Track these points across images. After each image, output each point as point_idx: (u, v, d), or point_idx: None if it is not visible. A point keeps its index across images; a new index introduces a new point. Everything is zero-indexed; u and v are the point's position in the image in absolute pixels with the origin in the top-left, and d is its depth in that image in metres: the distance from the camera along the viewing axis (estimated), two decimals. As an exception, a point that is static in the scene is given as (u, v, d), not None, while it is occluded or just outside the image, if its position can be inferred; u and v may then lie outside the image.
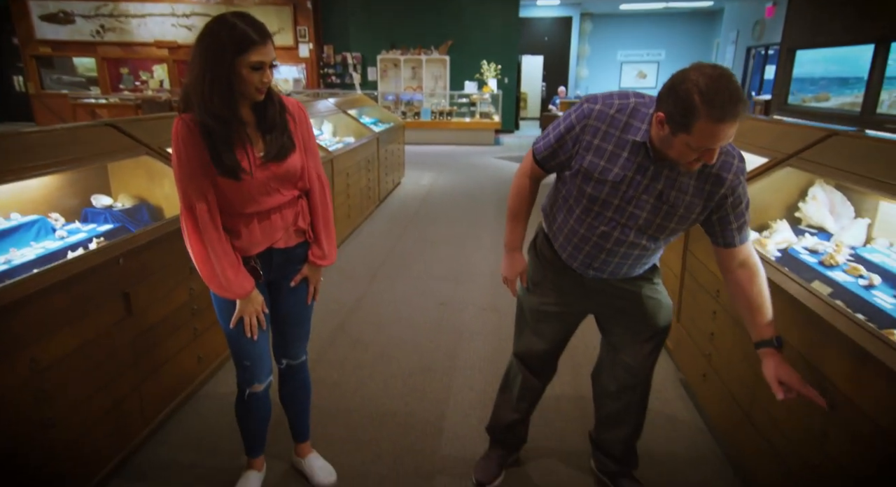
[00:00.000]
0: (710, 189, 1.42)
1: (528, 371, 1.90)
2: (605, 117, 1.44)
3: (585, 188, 1.49)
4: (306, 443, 2.04)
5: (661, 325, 1.71)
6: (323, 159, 4.10)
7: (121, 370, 1.92)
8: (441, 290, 3.79)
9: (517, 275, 1.79)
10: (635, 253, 1.55)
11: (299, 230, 1.70)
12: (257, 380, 1.76)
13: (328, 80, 12.45)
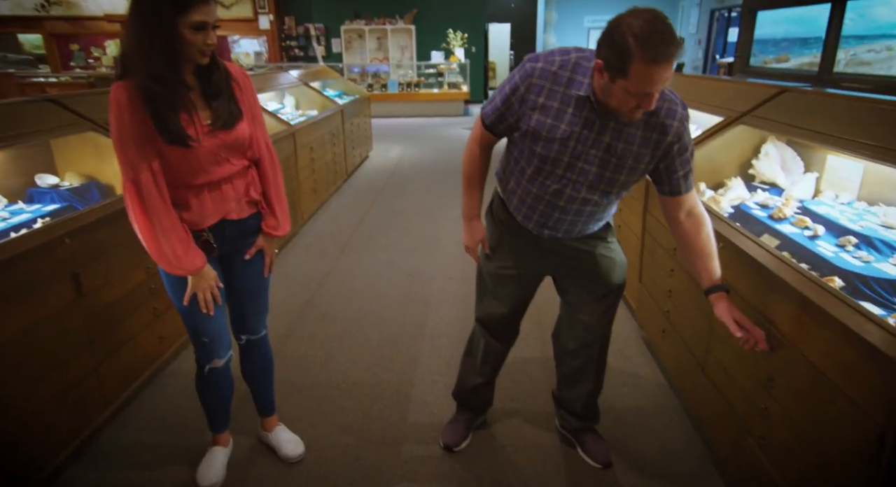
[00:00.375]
0: (657, 138, 1.43)
1: (490, 335, 1.91)
2: (547, 74, 1.43)
3: (535, 148, 1.49)
4: (272, 417, 2.03)
5: (615, 283, 1.74)
6: (284, 133, 4.02)
7: (75, 351, 1.88)
8: (409, 262, 3.78)
9: (477, 243, 1.79)
10: (588, 209, 1.56)
11: (251, 201, 1.66)
12: (217, 356, 1.74)
13: (291, 53, 12.10)
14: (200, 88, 1.51)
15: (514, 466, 1.95)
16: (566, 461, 1.97)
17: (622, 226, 3.00)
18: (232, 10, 11.54)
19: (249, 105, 1.60)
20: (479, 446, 2.05)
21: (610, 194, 1.54)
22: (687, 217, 1.52)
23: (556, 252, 1.70)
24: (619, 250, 1.75)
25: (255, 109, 1.63)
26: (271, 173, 1.68)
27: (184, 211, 1.54)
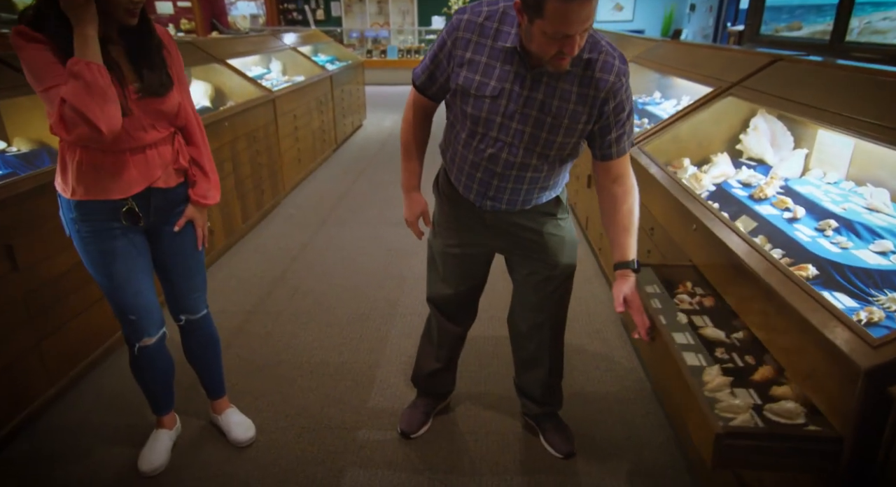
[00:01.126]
0: (594, 94, 1.31)
1: (441, 315, 1.82)
2: (473, 27, 1.32)
3: (465, 108, 1.38)
4: (222, 399, 1.95)
5: (564, 262, 1.62)
6: (264, 99, 3.86)
7: (10, 328, 1.79)
8: (391, 236, 3.67)
9: (416, 216, 1.69)
10: (528, 175, 1.44)
11: (180, 169, 1.56)
12: (146, 334, 1.64)
13: (289, 17, 11.76)
14: (127, 52, 1.40)
15: (471, 454, 1.87)
16: (526, 449, 1.89)
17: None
18: (229, -30, 11.17)
19: (177, 70, 1.51)
20: (437, 432, 1.96)
21: (548, 157, 1.41)
22: (613, 184, 1.42)
23: (502, 229, 1.58)
24: (571, 228, 1.63)
25: (182, 75, 1.53)
26: (201, 141, 1.60)
27: (109, 179, 1.43)
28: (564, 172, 1.52)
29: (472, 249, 1.66)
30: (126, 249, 1.52)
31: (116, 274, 1.51)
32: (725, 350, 1.31)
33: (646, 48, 3.68)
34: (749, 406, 1.10)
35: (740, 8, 10.08)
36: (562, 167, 1.47)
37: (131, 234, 1.53)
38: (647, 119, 3.02)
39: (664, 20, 12.06)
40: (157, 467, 1.75)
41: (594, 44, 1.29)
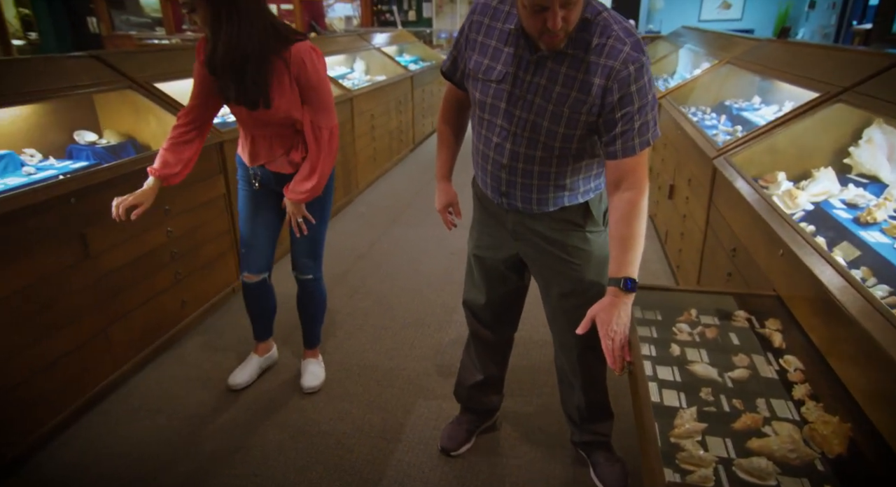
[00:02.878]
0: (597, 82, 1.18)
1: (476, 321, 1.74)
2: (487, 10, 1.30)
3: (475, 93, 1.34)
4: (311, 349, 2.24)
5: (587, 279, 1.45)
6: (342, 98, 3.92)
7: (81, 312, 1.89)
8: (457, 239, 3.58)
9: (445, 207, 1.67)
10: (535, 169, 1.33)
11: (292, 161, 1.82)
12: (248, 270, 1.99)
13: (382, 18, 12.02)
14: None
15: (513, 480, 1.75)
16: (574, 482, 1.73)
17: (687, 216, 2.61)
18: (328, -26, 11.61)
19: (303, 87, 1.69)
20: (479, 452, 1.86)
21: (554, 150, 1.29)
22: (615, 187, 1.26)
23: (524, 236, 1.47)
24: (601, 244, 1.45)
25: (308, 91, 1.70)
26: (312, 149, 1.76)
27: (243, 146, 1.89)
28: (586, 173, 1.37)
29: (498, 253, 1.56)
30: (256, 199, 1.92)
31: (243, 211, 1.95)
32: (713, 390, 1.15)
33: (747, 48, 3.34)
34: (714, 461, 0.96)
35: (869, 4, 9.02)
36: (577, 164, 1.33)
37: (263, 192, 1.91)
38: (741, 126, 2.73)
39: (777, 19, 11.08)
40: (240, 383, 2.11)
41: (605, 27, 1.17)
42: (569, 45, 1.19)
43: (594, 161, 1.35)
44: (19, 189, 1.71)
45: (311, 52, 1.67)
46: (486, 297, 1.67)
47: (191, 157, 1.79)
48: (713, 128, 2.86)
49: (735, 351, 1.29)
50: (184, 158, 1.77)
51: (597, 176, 1.39)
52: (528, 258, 1.53)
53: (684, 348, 1.32)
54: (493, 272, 1.61)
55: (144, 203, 1.70)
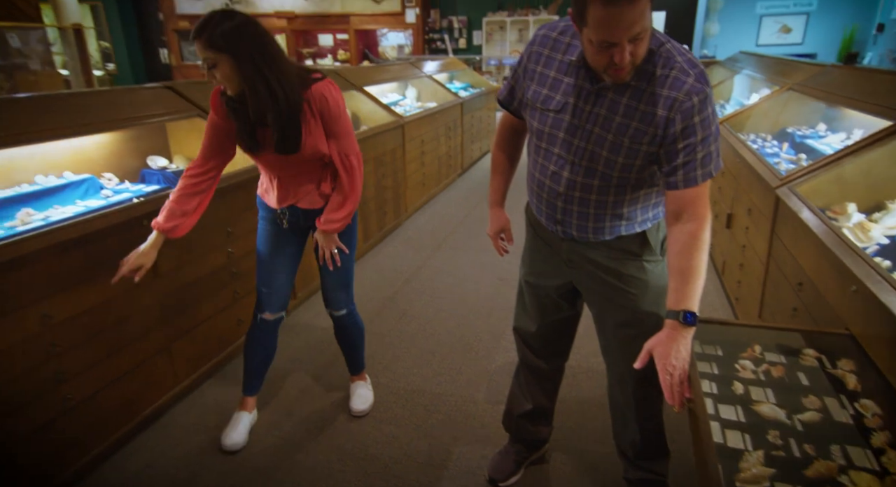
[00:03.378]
0: (659, 113, 1.17)
1: (526, 348, 1.72)
2: (547, 41, 1.33)
3: (533, 122, 1.37)
4: (358, 374, 2.26)
5: (643, 309, 1.42)
6: (394, 125, 4.02)
7: (147, 329, 1.99)
8: (504, 265, 3.57)
9: (496, 232, 1.68)
10: (592, 198, 1.33)
11: (323, 193, 1.83)
12: (269, 309, 1.95)
13: (433, 46, 12.32)
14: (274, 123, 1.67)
15: (561, 518, 1.70)
16: (625, 523, 1.67)
17: (747, 246, 2.51)
18: (383, 5, 12.03)
19: (326, 123, 1.71)
20: (528, 485, 1.82)
21: (611, 179, 1.29)
22: (675, 218, 1.23)
23: (578, 264, 1.45)
24: (661, 274, 1.42)
25: (334, 126, 1.72)
26: (343, 177, 1.78)
27: (266, 190, 1.88)
28: (644, 203, 1.35)
29: (551, 281, 1.55)
30: (279, 237, 1.90)
31: (264, 251, 1.91)
32: (781, 433, 1.08)
33: (810, 74, 3.23)
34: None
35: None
36: (634, 194, 1.32)
37: (289, 229, 1.89)
38: (805, 154, 2.62)
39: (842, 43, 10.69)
40: (238, 443, 1.97)
41: (668, 59, 1.18)
42: (631, 76, 1.19)
43: (653, 191, 1.34)
44: (98, 211, 1.83)
45: (329, 86, 1.69)
46: (536, 325, 1.65)
47: (197, 208, 1.77)
48: (775, 155, 2.77)
49: (805, 392, 1.22)
50: (190, 209, 1.75)
51: (655, 205, 1.37)
52: (582, 286, 1.51)
53: (748, 386, 1.26)
54: (546, 299, 1.60)
55: (146, 264, 1.70)
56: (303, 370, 2.47)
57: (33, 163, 2.08)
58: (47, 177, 2.09)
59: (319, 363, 2.51)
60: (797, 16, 12.21)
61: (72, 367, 1.71)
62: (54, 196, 2.03)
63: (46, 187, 2.02)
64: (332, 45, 12.92)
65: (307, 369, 2.47)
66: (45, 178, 2.08)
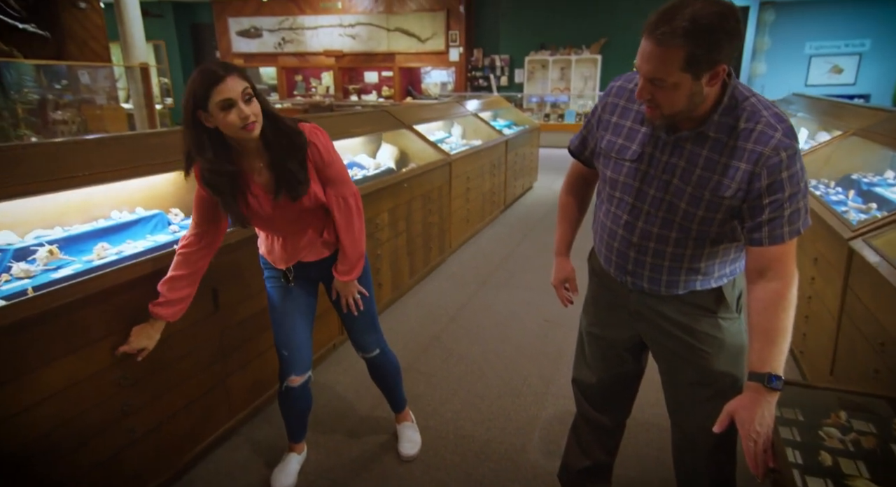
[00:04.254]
0: (743, 167, 1.15)
1: (585, 401, 1.67)
2: (623, 92, 1.35)
3: (606, 171, 1.37)
4: (402, 412, 2.24)
5: (717, 369, 1.35)
6: (441, 163, 4.07)
7: (205, 363, 2.02)
8: (550, 305, 3.52)
9: (560, 282, 1.65)
10: (668, 250, 1.29)
11: (326, 242, 1.78)
12: (294, 372, 1.86)
13: (475, 83, 12.57)
14: (268, 159, 1.58)
15: None
16: None
17: (813, 298, 2.41)
18: (427, 44, 12.40)
19: (318, 166, 1.65)
20: (584, 545, 1.74)
21: (690, 232, 1.25)
22: (759, 276, 1.19)
23: (647, 317, 1.41)
24: (738, 332, 1.36)
25: (328, 169, 1.67)
26: (343, 223, 1.73)
27: (267, 252, 1.81)
28: (723, 258, 1.31)
29: (616, 333, 1.51)
30: (288, 294, 1.83)
31: (277, 311, 1.84)
32: None
33: (876, 119, 3.14)
34: None
35: None
36: (713, 248, 1.28)
37: (298, 284, 1.83)
38: (875, 203, 2.53)
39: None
40: (286, 486, 1.94)
41: (753, 113, 1.16)
42: (710, 128, 1.18)
43: (732, 246, 1.30)
44: (167, 247, 1.89)
45: (315, 130, 1.64)
46: (597, 377, 1.61)
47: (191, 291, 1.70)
48: (841, 203, 2.67)
49: (902, 467, 1.14)
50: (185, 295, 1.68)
51: (733, 261, 1.33)
52: (650, 340, 1.47)
53: (837, 457, 1.19)
54: (609, 352, 1.55)
55: (149, 347, 1.65)
56: (350, 409, 2.45)
57: (109, 199, 2.18)
58: (121, 212, 2.19)
59: (367, 401, 2.49)
60: (849, 56, 11.98)
61: (137, 400, 1.75)
62: (127, 230, 2.12)
63: (120, 222, 2.11)
64: (377, 82, 13.33)
65: (355, 407, 2.46)
66: (119, 213, 2.17)
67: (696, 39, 1.05)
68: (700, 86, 1.11)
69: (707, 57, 1.07)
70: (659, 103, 1.15)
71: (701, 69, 1.08)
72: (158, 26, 12.70)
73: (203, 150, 1.47)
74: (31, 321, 1.43)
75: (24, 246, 1.80)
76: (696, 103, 1.14)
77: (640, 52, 1.12)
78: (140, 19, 6.51)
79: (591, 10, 11.32)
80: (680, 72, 1.08)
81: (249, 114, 1.44)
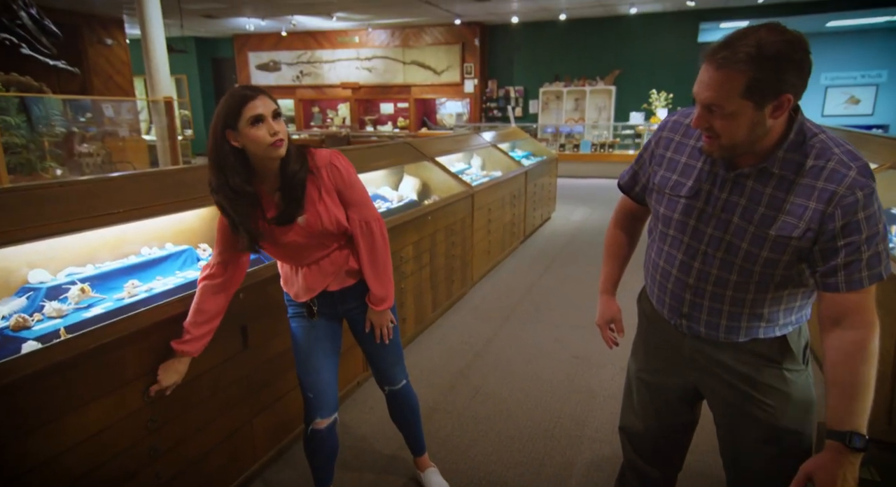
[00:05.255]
0: (814, 206, 1.08)
1: (633, 451, 1.58)
2: (678, 127, 1.32)
3: (659, 208, 1.32)
4: (423, 457, 2.13)
5: (783, 425, 1.26)
6: (464, 194, 4.06)
7: (232, 403, 1.97)
8: (577, 341, 3.44)
9: (606, 322, 1.56)
10: (728, 293, 1.22)
11: (351, 270, 1.74)
12: (319, 415, 1.79)
13: (489, 114, 12.71)
14: (280, 185, 1.57)
15: None
16: None
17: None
18: (442, 76, 12.60)
19: (339, 189, 1.65)
20: None
21: (752, 274, 1.18)
22: (834, 324, 1.11)
23: (703, 365, 1.33)
24: (805, 385, 1.27)
25: (349, 192, 1.66)
26: (366, 251, 1.70)
27: (289, 285, 1.77)
28: (788, 304, 1.23)
29: (668, 380, 1.43)
30: (312, 332, 1.78)
31: (302, 350, 1.79)
32: None
33: (908, 152, 3.07)
34: None
35: None
36: (778, 293, 1.20)
37: (321, 321, 1.79)
38: (920, 239, 2.44)
39: (915, 113, 10.34)
40: None
41: (823, 150, 1.10)
42: (775, 164, 1.13)
43: (798, 291, 1.22)
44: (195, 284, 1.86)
45: (336, 154, 1.65)
46: (644, 425, 1.52)
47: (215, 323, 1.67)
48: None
49: None
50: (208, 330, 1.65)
51: (800, 308, 1.26)
52: (706, 390, 1.39)
53: (920, 522, 1.10)
54: (661, 400, 1.48)
55: (178, 381, 1.64)
56: (377, 449, 2.37)
57: (139, 235, 2.17)
58: (151, 248, 2.17)
59: (395, 441, 2.40)
60: (865, 87, 11.96)
61: (165, 443, 1.70)
62: (157, 267, 2.10)
63: (150, 259, 2.10)
64: (393, 113, 13.53)
65: (381, 448, 2.38)
66: (149, 249, 2.16)
67: (759, 65, 1.01)
68: (763, 117, 1.07)
69: (771, 85, 1.03)
70: (717, 132, 1.10)
71: (764, 98, 1.04)
72: (181, 61, 13.04)
73: (227, 168, 1.48)
74: (65, 364, 1.39)
75: (57, 284, 1.78)
76: (759, 135, 1.10)
77: (699, 79, 1.09)
78: (165, 55, 6.68)
79: (605, 42, 11.47)
80: (740, 98, 1.04)
81: (279, 130, 1.48)
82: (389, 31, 12.76)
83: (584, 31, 11.52)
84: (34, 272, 1.78)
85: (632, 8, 10.38)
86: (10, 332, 1.54)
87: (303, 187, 1.57)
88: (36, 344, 1.47)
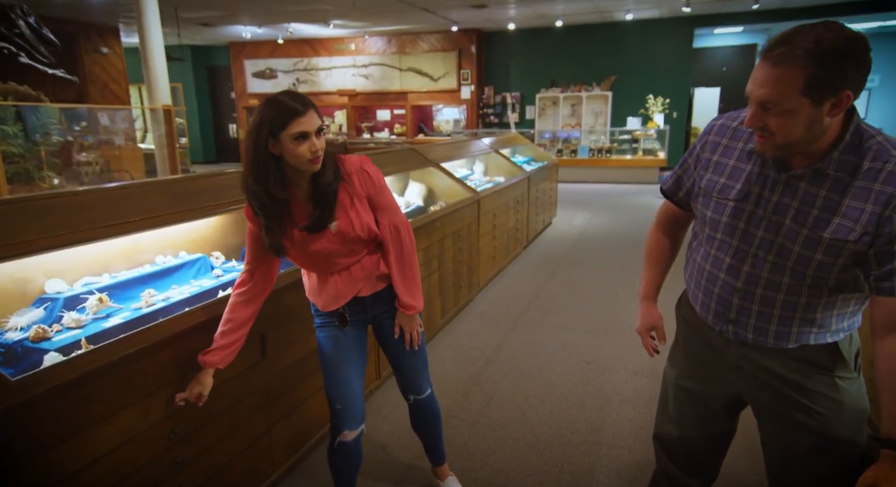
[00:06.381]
0: (870, 209, 1.06)
1: (668, 460, 1.55)
2: (725, 131, 1.30)
3: (706, 212, 1.30)
4: (443, 466, 2.11)
5: (835, 434, 1.24)
6: (470, 200, 4.05)
7: (251, 413, 1.94)
8: (587, 346, 3.42)
9: (647, 329, 1.52)
10: (779, 297, 1.19)
11: (381, 275, 1.74)
12: (347, 427, 1.77)
13: (486, 120, 12.74)
14: (313, 192, 1.57)
15: None
16: None
17: None
18: (439, 83, 12.63)
19: (369, 195, 1.65)
20: None
21: (804, 278, 1.15)
22: (888, 332, 1.09)
23: (749, 372, 1.30)
24: (858, 394, 1.25)
25: (378, 197, 1.67)
26: (395, 256, 1.70)
27: (319, 294, 1.73)
28: (842, 309, 1.21)
29: (709, 388, 1.40)
30: (341, 342, 1.75)
31: (330, 361, 1.75)
32: None
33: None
34: None
35: None
36: (832, 298, 1.18)
37: (351, 330, 1.76)
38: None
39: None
40: None
41: (880, 152, 1.08)
42: (830, 165, 1.11)
43: (853, 296, 1.20)
44: (212, 292, 1.84)
45: (365, 159, 1.65)
46: (680, 433, 1.50)
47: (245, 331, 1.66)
48: None
49: None
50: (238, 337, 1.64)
51: (852, 314, 1.23)
52: (752, 399, 1.36)
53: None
54: (701, 408, 1.45)
55: (205, 392, 1.61)
56: (394, 458, 2.34)
57: (154, 244, 2.14)
58: (166, 257, 2.15)
59: (412, 449, 2.38)
60: (856, 90, 12.04)
61: (188, 454, 1.66)
62: (172, 275, 2.07)
63: (165, 267, 2.07)
64: (389, 120, 13.54)
65: (399, 456, 2.35)
66: (164, 258, 2.13)
67: (819, 61, 0.99)
68: (820, 115, 1.04)
69: (830, 81, 1.00)
70: (772, 131, 1.08)
71: (823, 94, 1.02)
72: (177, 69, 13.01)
73: (266, 175, 1.48)
74: (88, 376, 1.36)
75: (74, 294, 1.75)
76: (816, 134, 1.08)
77: (753, 76, 1.07)
78: (164, 64, 6.64)
79: (601, 48, 11.54)
80: (799, 95, 1.02)
81: (319, 149, 1.48)
82: (386, 38, 12.79)
83: (580, 37, 11.59)
84: (51, 282, 1.75)
85: (628, 14, 10.47)
86: (31, 344, 1.51)
87: (335, 196, 1.57)
88: (58, 355, 1.44)
